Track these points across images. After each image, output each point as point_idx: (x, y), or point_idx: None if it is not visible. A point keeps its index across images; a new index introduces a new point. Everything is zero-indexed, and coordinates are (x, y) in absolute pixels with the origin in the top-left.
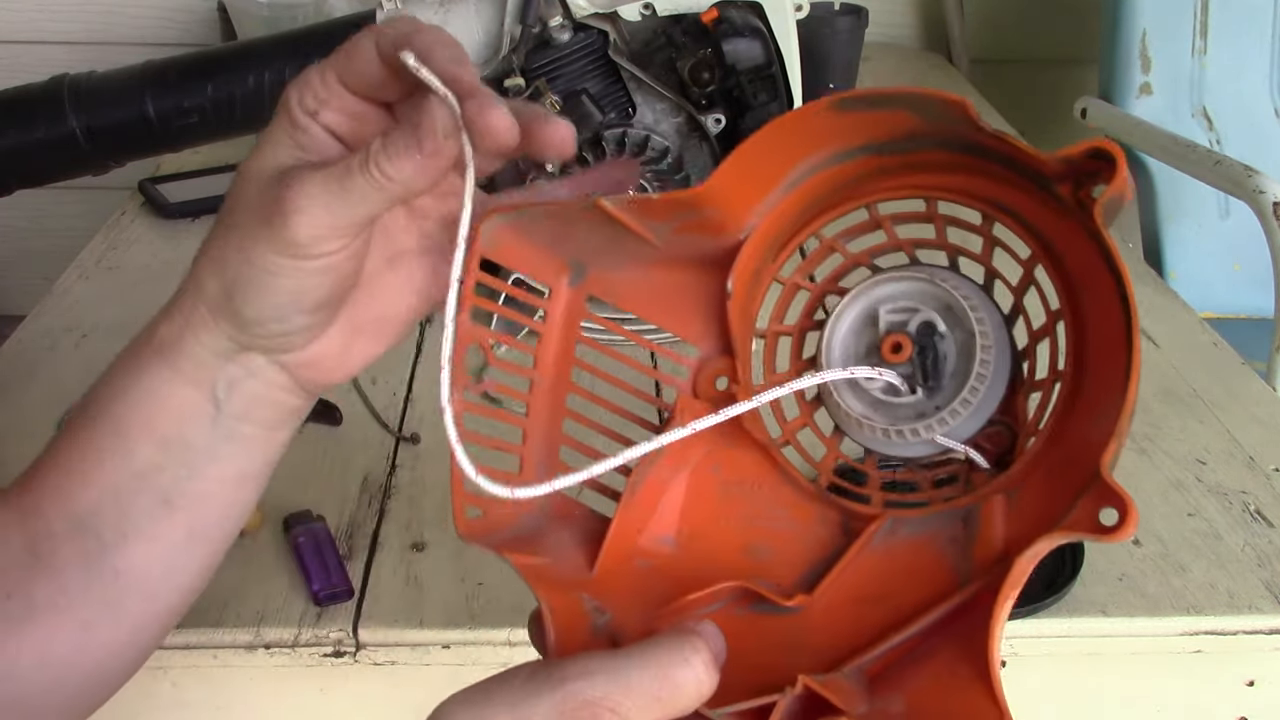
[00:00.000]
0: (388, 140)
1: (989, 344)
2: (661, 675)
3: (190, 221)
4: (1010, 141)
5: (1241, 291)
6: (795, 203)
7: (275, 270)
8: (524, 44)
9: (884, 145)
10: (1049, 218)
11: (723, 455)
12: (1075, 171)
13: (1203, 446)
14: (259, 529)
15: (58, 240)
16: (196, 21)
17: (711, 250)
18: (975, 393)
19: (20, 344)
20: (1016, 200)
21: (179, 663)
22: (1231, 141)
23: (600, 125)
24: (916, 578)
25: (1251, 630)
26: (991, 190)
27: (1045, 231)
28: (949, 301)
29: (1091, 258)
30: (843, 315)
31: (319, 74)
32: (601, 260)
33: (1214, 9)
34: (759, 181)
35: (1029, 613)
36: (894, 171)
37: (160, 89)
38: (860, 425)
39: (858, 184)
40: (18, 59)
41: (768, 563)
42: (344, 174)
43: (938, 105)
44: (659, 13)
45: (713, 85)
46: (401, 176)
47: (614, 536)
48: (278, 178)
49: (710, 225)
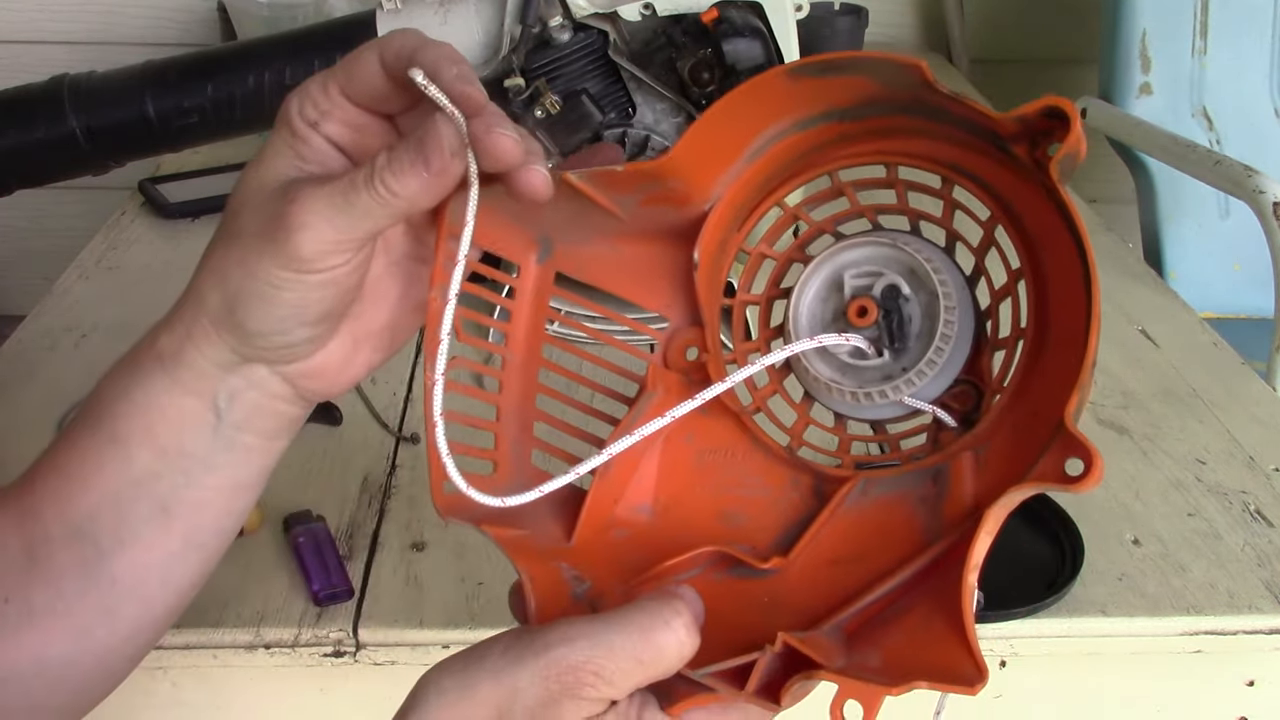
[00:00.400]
0: (393, 156)
1: (952, 305)
2: (643, 638)
3: (190, 221)
4: (966, 102)
5: (1241, 291)
6: (758, 172)
7: (278, 284)
8: (524, 44)
9: (845, 112)
10: (1008, 179)
11: (696, 424)
12: (1031, 131)
13: (1203, 446)
14: (259, 529)
15: (58, 240)
16: (196, 21)
17: (677, 222)
18: (940, 353)
19: (20, 344)
20: (976, 163)
21: (179, 663)
22: (1231, 141)
23: (600, 125)
24: (890, 537)
25: (1251, 630)
26: (951, 154)
27: (1004, 193)
28: (912, 265)
29: (1050, 217)
30: (808, 282)
31: (320, 85)
32: (568, 235)
33: (1214, 9)
34: (722, 152)
35: (1029, 613)
36: (855, 138)
37: (160, 89)
38: (829, 389)
39: (820, 151)
40: (18, 59)
41: (743, 528)
42: (348, 189)
43: (893, 68)
44: (659, 13)
45: (713, 85)
46: (407, 193)
47: (590, 508)
48: (281, 191)
49: (675, 197)
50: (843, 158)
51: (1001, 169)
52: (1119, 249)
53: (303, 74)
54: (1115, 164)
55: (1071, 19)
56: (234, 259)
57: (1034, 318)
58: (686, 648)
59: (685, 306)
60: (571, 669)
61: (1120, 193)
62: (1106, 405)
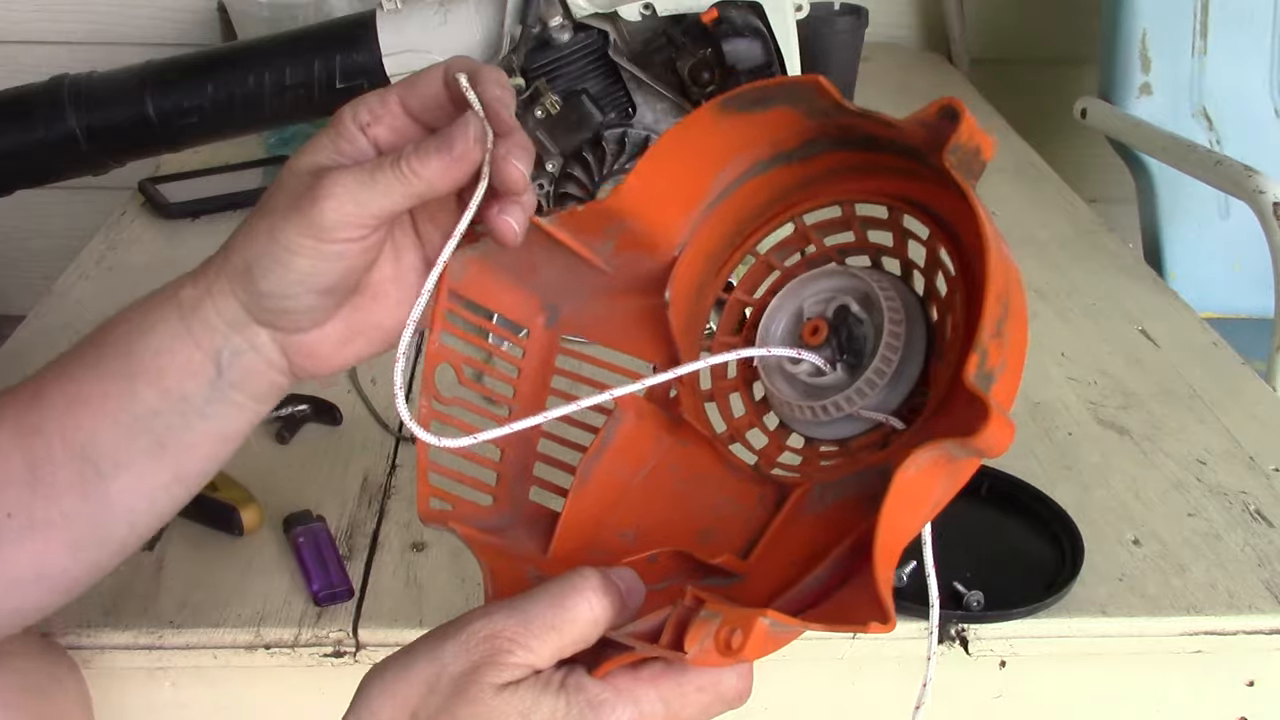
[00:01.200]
0: (420, 144)
1: (898, 319)
2: (555, 604)
3: (190, 221)
4: (875, 116)
5: (1241, 291)
6: (726, 218)
7: (296, 249)
8: (524, 44)
9: (793, 153)
10: (939, 195)
11: (679, 455)
12: (937, 136)
13: (1203, 446)
14: (259, 529)
15: (58, 240)
16: (196, 21)
17: (653, 269)
18: (888, 361)
19: (20, 344)
20: (913, 188)
21: (179, 663)
22: (1231, 141)
23: (600, 125)
24: (844, 537)
25: (1251, 630)
26: (895, 185)
27: (940, 211)
28: (866, 290)
29: (971, 220)
30: (775, 317)
31: (379, 95)
32: (570, 300)
33: (1214, 9)
34: (681, 194)
35: (1029, 613)
36: (815, 180)
37: (160, 89)
38: (794, 410)
39: (784, 197)
40: (18, 59)
41: (716, 543)
42: (374, 168)
43: (802, 90)
44: (659, 13)
45: (713, 85)
46: (427, 173)
47: (564, 524)
48: (315, 173)
49: (643, 242)
50: (804, 202)
51: (933, 188)
52: (1119, 249)
53: (303, 74)
54: (1115, 164)
55: (1071, 19)
56: (262, 227)
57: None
58: (597, 609)
59: (667, 350)
60: (489, 637)
61: (1120, 193)
62: (1106, 405)
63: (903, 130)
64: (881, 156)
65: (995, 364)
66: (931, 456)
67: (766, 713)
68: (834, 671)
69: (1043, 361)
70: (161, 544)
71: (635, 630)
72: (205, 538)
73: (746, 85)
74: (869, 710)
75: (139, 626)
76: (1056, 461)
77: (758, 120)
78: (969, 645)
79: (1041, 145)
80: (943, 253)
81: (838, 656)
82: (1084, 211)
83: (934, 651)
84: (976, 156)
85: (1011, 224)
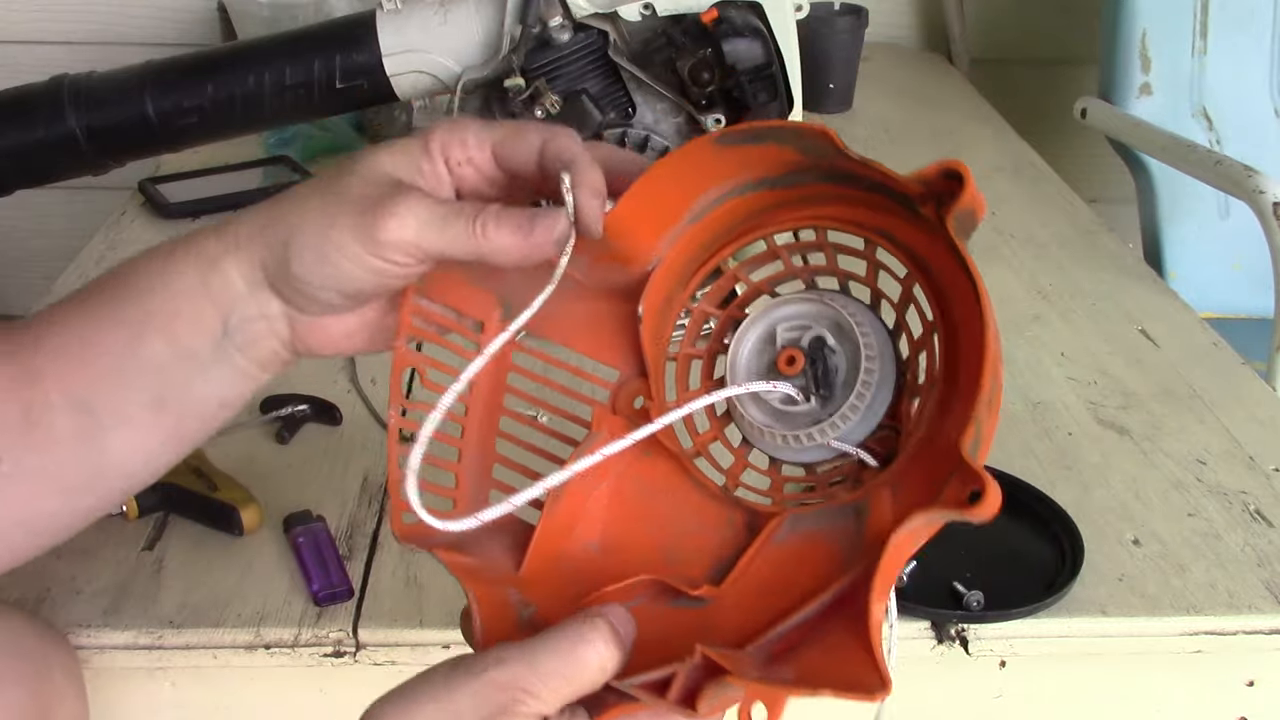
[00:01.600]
0: (504, 212)
1: (873, 355)
2: (567, 654)
3: (190, 221)
4: (875, 167)
5: (1241, 291)
6: (700, 234)
7: (344, 251)
8: (524, 44)
9: (776, 180)
10: (921, 239)
11: (643, 467)
12: (934, 191)
13: (1203, 446)
14: (259, 529)
15: (58, 240)
16: (196, 21)
17: (625, 280)
18: (862, 398)
19: None
20: (894, 225)
21: (179, 663)
22: (1231, 141)
23: (600, 125)
24: (815, 568)
25: (1251, 630)
26: (873, 218)
27: (919, 251)
28: (838, 320)
29: (958, 272)
30: (745, 337)
31: (475, 135)
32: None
33: (1214, 9)
34: (662, 214)
35: (1029, 613)
36: (790, 204)
37: (160, 89)
38: (763, 434)
39: (758, 216)
40: (18, 59)
41: (682, 561)
42: (451, 212)
43: (806, 137)
44: (659, 13)
45: (713, 85)
46: (498, 242)
47: (538, 542)
48: (393, 184)
49: (621, 256)
50: (778, 223)
51: (915, 229)
52: (1119, 249)
53: (303, 74)
54: (1115, 164)
55: (1071, 19)
56: (317, 212)
57: (945, 365)
58: (606, 659)
59: (634, 358)
60: (504, 688)
61: (1120, 193)
62: (1107, 405)
63: (900, 182)
64: (861, 191)
65: (986, 433)
66: (926, 520)
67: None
68: None
69: (1043, 361)
70: (161, 544)
71: (641, 682)
72: (205, 538)
73: (748, 124)
74: (868, 710)
75: (139, 626)
76: (1056, 461)
77: (750, 152)
78: (969, 645)
79: (1041, 145)
80: (918, 290)
81: None
82: (1084, 211)
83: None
84: (972, 217)
85: (1011, 224)
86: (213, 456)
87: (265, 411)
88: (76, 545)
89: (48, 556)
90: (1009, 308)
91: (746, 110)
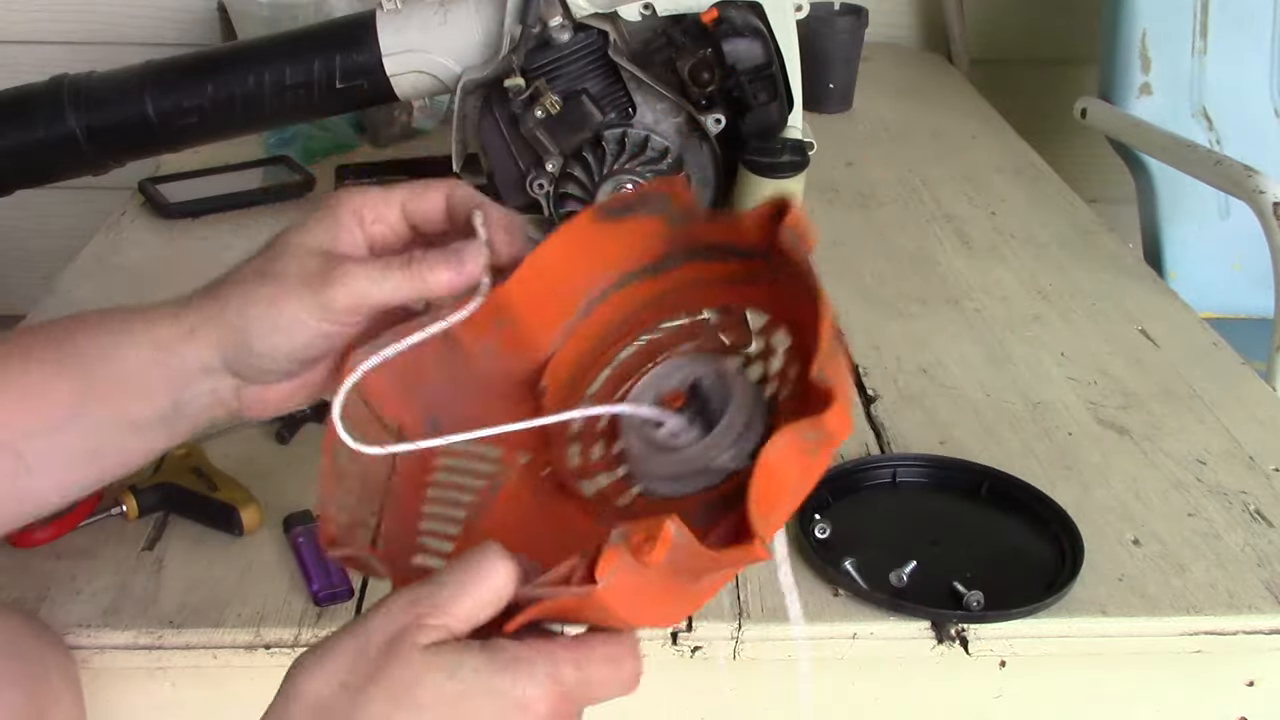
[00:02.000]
0: (431, 255)
1: (745, 394)
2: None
3: (190, 221)
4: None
5: (1241, 291)
6: (589, 333)
7: (300, 324)
8: (524, 44)
9: (649, 268)
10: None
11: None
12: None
13: (1203, 446)
14: (259, 529)
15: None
16: (196, 21)
17: (529, 372)
18: (732, 428)
19: None
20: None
21: (179, 663)
22: (1231, 141)
23: (600, 125)
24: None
25: (1251, 630)
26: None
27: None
28: (718, 368)
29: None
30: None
31: (383, 197)
32: (451, 409)
33: (1214, 9)
34: (556, 301)
35: (1029, 613)
36: (668, 293)
37: (160, 89)
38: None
39: (639, 313)
40: (18, 59)
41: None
42: (384, 267)
43: (660, 197)
44: (659, 13)
45: (713, 85)
46: (434, 281)
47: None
48: (325, 256)
49: (523, 343)
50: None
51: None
52: (1119, 249)
53: (303, 74)
54: (1115, 164)
55: (1071, 19)
56: (264, 294)
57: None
58: (501, 569)
59: (544, 445)
60: (411, 604)
61: (1120, 193)
62: (1106, 405)
63: (743, 227)
64: (726, 265)
65: (830, 375)
66: (792, 437)
67: (767, 712)
68: (834, 671)
69: (1043, 361)
70: (161, 544)
71: (545, 579)
72: (205, 538)
73: (619, 196)
74: (869, 710)
75: (139, 626)
76: (1056, 461)
77: (625, 229)
78: (969, 645)
79: (1041, 145)
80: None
81: (838, 656)
82: (1084, 211)
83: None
84: (801, 238)
85: (1011, 224)
86: (213, 456)
87: None
88: (76, 545)
89: (47, 556)
90: (1009, 308)
91: (747, 110)
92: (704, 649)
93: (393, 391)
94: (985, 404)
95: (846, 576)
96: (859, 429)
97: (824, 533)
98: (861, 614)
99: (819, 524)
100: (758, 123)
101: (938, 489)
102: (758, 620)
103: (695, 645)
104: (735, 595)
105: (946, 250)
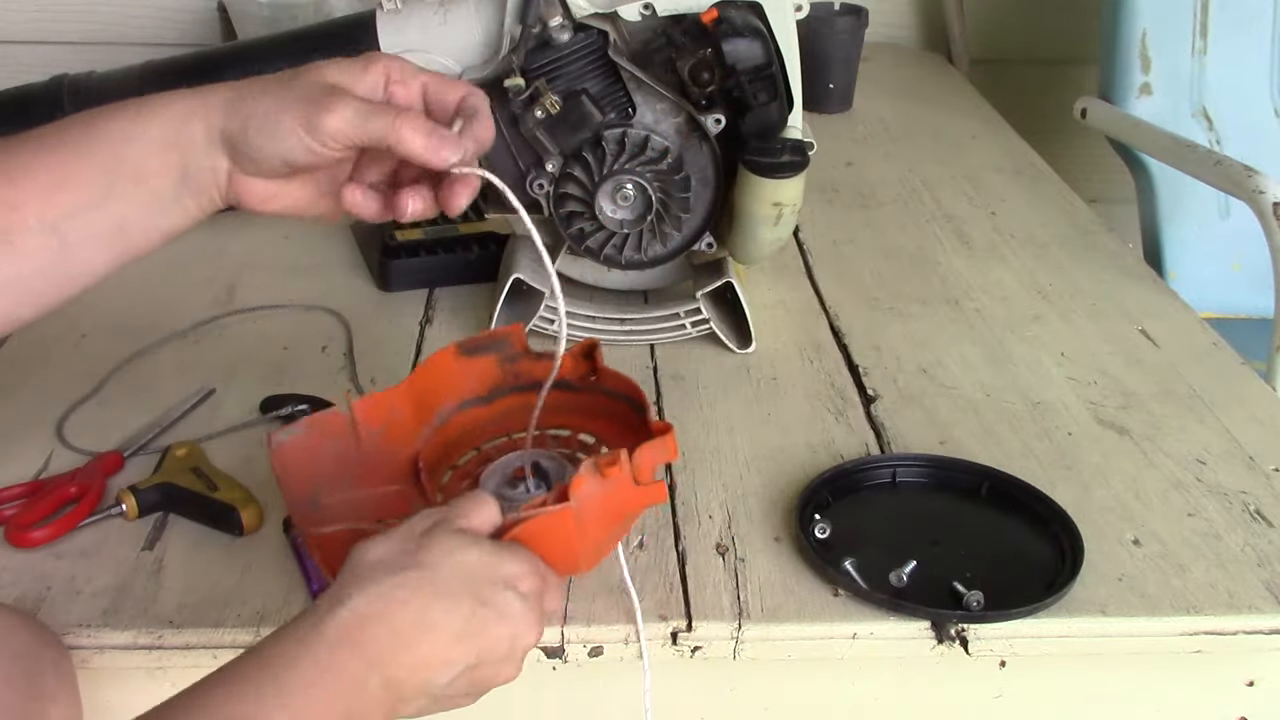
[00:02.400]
0: (419, 119)
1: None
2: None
3: None
4: (544, 355)
5: (1241, 291)
6: (444, 435)
7: (289, 133)
8: (524, 44)
9: (483, 398)
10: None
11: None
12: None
13: (1203, 446)
14: (259, 529)
15: None
16: (196, 21)
17: (399, 465)
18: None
19: (20, 345)
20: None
21: (179, 663)
22: (1231, 141)
23: (600, 125)
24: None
25: (1251, 630)
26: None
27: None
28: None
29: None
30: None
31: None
32: (332, 491)
33: (1214, 9)
34: (421, 410)
35: (1029, 613)
36: (497, 418)
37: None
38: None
39: (472, 434)
40: (18, 59)
41: None
42: (374, 110)
43: (505, 338)
44: (659, 13)
45: (713, 85)
46: (408, 138)
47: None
48: (329, 89)
49: (397, 439)
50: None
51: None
52: (1119, 249)
53: None
54: (1115, 164)
55: (1071, 19)
56: (270, 100)
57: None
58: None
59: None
60: (440, 511)
61: (1120, 193)
62: (1107, 405)
63: (564, 365)
64: (555, 393)
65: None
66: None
67: (767, 712)
68: (834, 671)
69: (1043, 361)
70: (161, 544)
71: (528, 505)
72: (205, 538)
73: (474, 337)
74: (869, 710)
75: (139, 626)
76: (1056, 461)
77: (472, 365)
78: (969, 645)
79: (1041, 145)
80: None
81: (838, 656)
82: (1084, 211)
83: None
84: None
85: (1011, 224)
86: (213, 456)
87: (265, 411)
88: (76, 545)
89: (47, 556)
90: (1009, 308)
91: (747, 110)
92: (704, 649)
93: (294, 471)
94: (985, 404)
95: (846, 576)
96: (859, 429)
97: (824, 533)
98: (861, 614)
99: (819, 524)
100: (758, 123)
101: (938, 489)
102: (758, 620)
103: (695, 645)
104: (735, 595)
105: (946, 250)
